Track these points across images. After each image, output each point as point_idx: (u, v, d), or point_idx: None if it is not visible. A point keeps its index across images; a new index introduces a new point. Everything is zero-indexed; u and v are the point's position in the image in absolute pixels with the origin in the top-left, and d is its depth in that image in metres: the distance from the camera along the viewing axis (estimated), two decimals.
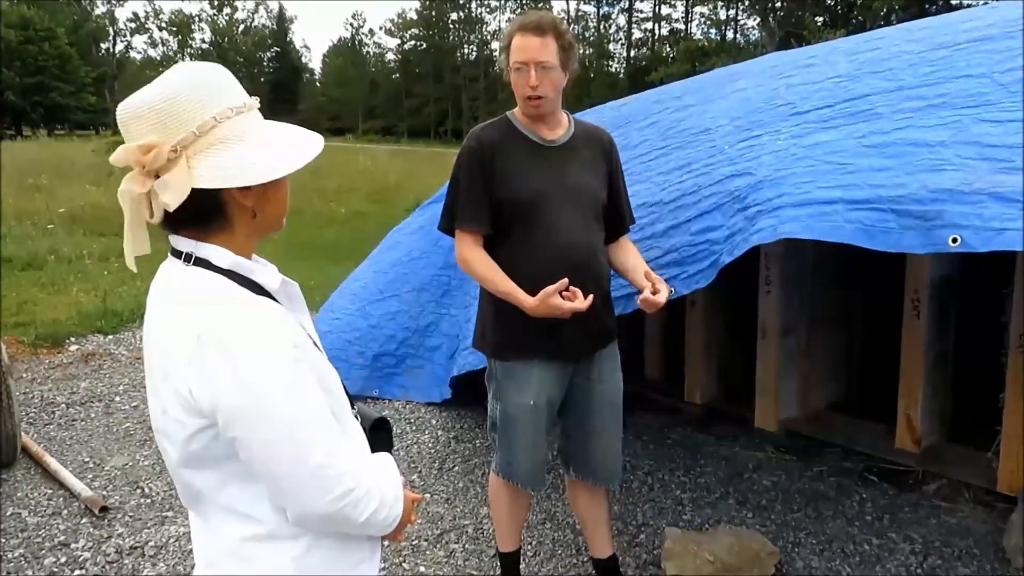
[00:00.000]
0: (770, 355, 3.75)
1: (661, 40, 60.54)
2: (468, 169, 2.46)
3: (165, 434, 1.22)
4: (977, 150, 2.35)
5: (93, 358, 5.73)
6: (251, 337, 1.12)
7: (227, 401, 1.11)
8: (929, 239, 2.17)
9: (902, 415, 3.46)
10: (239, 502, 1.21)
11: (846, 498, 3.52)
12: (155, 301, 1.23)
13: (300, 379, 1.15)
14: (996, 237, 2.04)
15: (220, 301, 1.16)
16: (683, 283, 2.86)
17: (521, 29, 2.38)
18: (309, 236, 11.08)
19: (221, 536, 1.24)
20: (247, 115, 1.20)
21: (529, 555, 3.12)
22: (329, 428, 1.18)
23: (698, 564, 2.88)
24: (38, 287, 7.85)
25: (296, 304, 1.30)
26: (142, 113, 1.14)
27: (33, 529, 3.34)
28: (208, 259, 1.19)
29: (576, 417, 2.63)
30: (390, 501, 1.26)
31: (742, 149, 3.11)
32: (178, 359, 1.13)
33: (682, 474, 3.80)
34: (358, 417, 1.38)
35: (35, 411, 4.68)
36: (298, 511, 1.18)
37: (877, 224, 2.29)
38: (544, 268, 2.40)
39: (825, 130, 2.92)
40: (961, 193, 2.18)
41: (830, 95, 3.16)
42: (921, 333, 3.35)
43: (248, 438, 1.13)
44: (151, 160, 1.12)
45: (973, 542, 3.14)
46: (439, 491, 3.66)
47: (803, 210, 2.48)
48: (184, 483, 1.25)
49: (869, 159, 2.58)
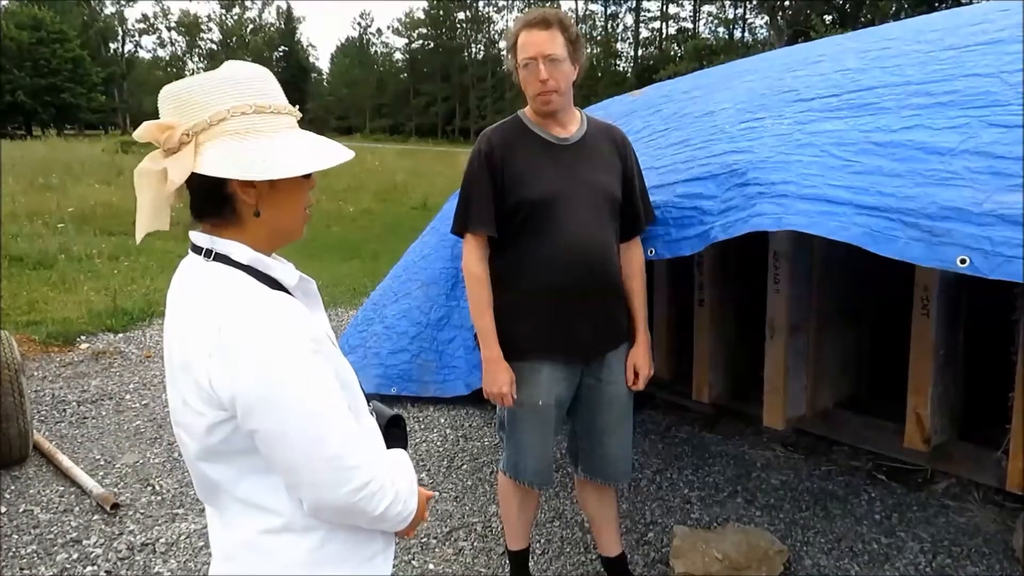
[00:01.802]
0: (778, 354, 3.74)
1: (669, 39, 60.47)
2: (478, 173, 2.45)
3: (184, 426, 1.24)
4: (987, 163, 2.35)
5: (103, 356, 5.77)
6: (270, 330, 1.14)
7: (246, 392, 1.13)
8: (936, 254, 2.17)
9: (911, 414, 3.45)
10: (256, 495, 1.23)
11: (855, 497, 3.51)
12: (176, 295, 1.26)
13: (318, 372, 1.17)
14: (1005, 265, 2.05)
15: (240, 295, 1.18)
16: (666, 246, 2.81)
17: (527, 26, 2.36)
18: (317, 234, 11.11)
19: (238, 529, 1.26)
20: (272, 117, 1.22)
21: (538, 553, 3.13)
22: (346, 421, 1.20)
23: (706, 562, 2.88)
24: (49, 286, 7.89)
25: (312, 301, 1.33)
26: (172, 95, 1.20)
27: (45, 526, 3.36)
28: (228, 255, 1.22)
29: (586, 417, 2.63)
30: (404, 496, 1.28)
31: (743, 130, 3.10)
32: (199, 351, 1.16)
33: (690, 473, 3.81)
34: (373, 414, 1.39)
35: (47, 409, 4.71)
36: (314, 502, 1.20)
37: (884, 231, 2.28)
38: (557, 268, 2.40)
39: (830, 119, 2.92)
40: (971, 213, 2.18)
41: (836, 86, 3.16)
42: (930, 331, 3.34)
43: (266, 429, 1.15)
44: (165, 140, 1.18)
45: (982, 541, 3.14)
46: (448, 489, 3.67)
47: (810, 205, 2.46)
48: (201, 476, 1.27)
49: (878, 160, 2.57)
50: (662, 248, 2.82)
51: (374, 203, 15.71)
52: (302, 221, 1.32)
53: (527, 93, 2.43)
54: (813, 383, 3.89)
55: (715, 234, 2.68)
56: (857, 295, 4.04)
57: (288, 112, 1.25)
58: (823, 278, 3.82)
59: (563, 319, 2.43)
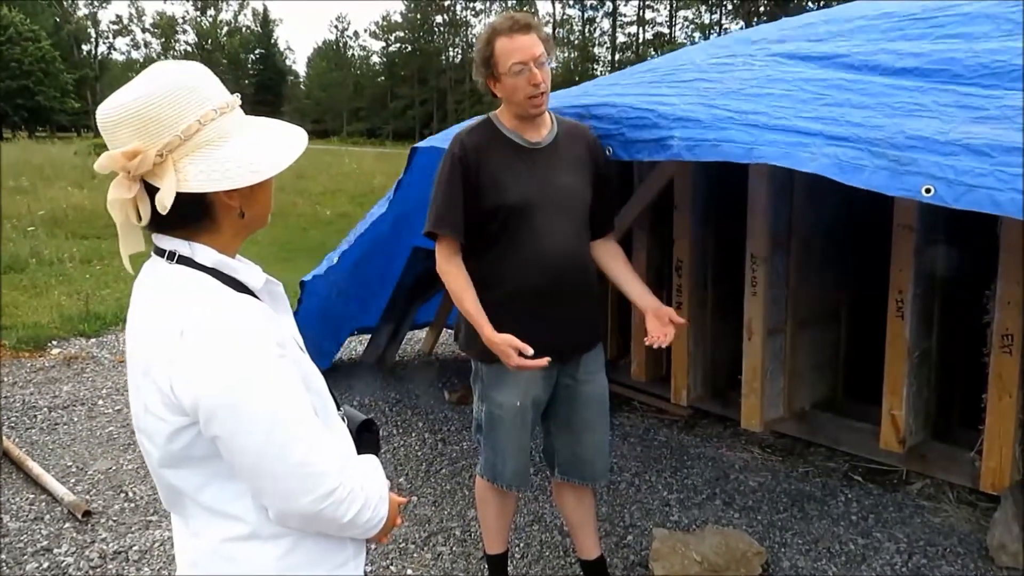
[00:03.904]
0: (756, 356, 3.77)
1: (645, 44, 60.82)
2: (450, 176, 2.44)
3: (146, 432, 1.21)
4: (955, 98, 2.38)
5: (75, 361, 5.68)
6: (233, 334, 1.12)
7: (208, 398, 1.10)
8: (901, 183, 2.14)
9: (886, 415, 3.48)
10: (220, 502, 1.20)
11: (831, 498, 3.54)
12: (138, 298, 1.23)
13: (282, 376, 1.14)
14: (968, 194, 2.03)
15: (203, 298, 1.15)
16: (622, 147, 2.75)
17: (508, 31, 2.33)
18: (294, 237, 11.03)
19: (203, 537, 1.23)
20: (230, 114, 1.19)
21: (517, 557, 3.12)
22: (312, 426, 1.17)
23: (685, 564, 2.88)
24: (19, 290, 7.77)
25: (279, 304, 1.30)
26: (124, 118, 1.13)
27: (15, 534, 3.30)
28: (192, 257, 1.19)
29: (562, 417, 2.63)
30: (374, 502, 1.25)
31: (715, 65, 3.16)
32: (160, 355, 1.13)
33: (669, 475, 3.81)
34: (344, 419, 1.37)
35: (16, 415, 4.63)
36: (280, 509, 1.18)
37: (852, 161, 2.26)
38: (531, 275, 2.41)
39: (802, 65, 2.98)
40: (936, 142, 2.18)
41: (808, 46, 3.23)
42: (905, 333, 3.37)
43: (229, 435, 1.12)
44: (136, 166, 1.12)
45: (957, 541, 3.17)
46: (426, 494, 3.65)
47: (781, 135, 2.43)
48: (165, 483, 1.24)
49: (847, 94, 2.59)
50: (619, 148, 2.76)
51: (351, 206, 15.63)
52: (272, 204, 1.30)
53: (515, 98, 2.38)
54: (790, 385, 3.92)
55: (677, 150, 2.60)
56: (833, 297, 4.08)
57: (236, 103, 1.22)
58: (799, 280, 3.85)
59: (540, 321, 2.43)
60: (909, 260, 3.32)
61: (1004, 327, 3.10)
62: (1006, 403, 3.13)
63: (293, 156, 1.21)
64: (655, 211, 4.21)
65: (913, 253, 3.31)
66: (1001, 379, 3.13)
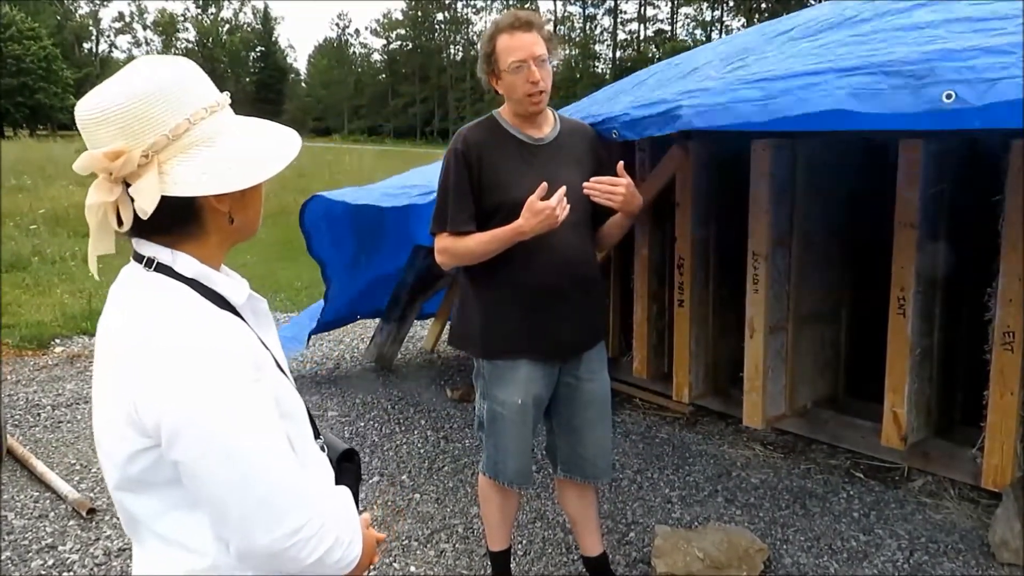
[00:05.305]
0: (757, 353, 3.77)
1: (647, 41, 60.78)
2: (456, 172, 2.45)
3: (105, 450, 1.12)
4: (968, 25, 2.37)
5: (78, 360, 5.69)
6: (205, 355, 1.03)
7: (172, 419, 1.02)
8: (921, 97, 2.08)
9: (888, 412, 3.48)
10: (179, 532, 1.11)
11: (833, 495, 3.54)
12: (111, 306, 1.15)
13: (253, 403, 1.05)
14: (991, 89, 1.96)
15: (178, 313, 1.07)
16: (627, 127, 2.71)
17: (509, 29, 2.36)
18: (296, 236, 11.01)
19: (159, 568, 1.14)
20: (219, 114, 1.12)
21: (519, 554, 3.13)
22: (282, 457, 1.07)
23: (687, 561, 2.89)
24: (22, 289, 7.79)
25: (262, 321, 1.22)
26: (107, 116, 1.04)
27: (20, 532, 3.31)
28: (171, 266, 1.11)
29: (565, 415, 2.64)
30: (347, 539, 1.15)
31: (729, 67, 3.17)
32: (127, 369, 1.05)
33: (671, 472, 3.82)
34: (324, 448, 1.29)
35: (20, 413, 4.64)
36: (242, 545, 1.07)
37: (868, 87, 2.20)
38: (537, 270, 2.41)
39: (812, 40, 2.98)
40: (953, 51, 2.13)
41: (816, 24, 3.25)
42: (906, 330, 3.38)
43: (191, 461, 1.03)
44: (119, 167, 1.03)
45: (958, 537, 3.17)
46: (429, 491, 3.66)
47: (791, 82, 2.40)
48: (122, 508, 1.15)
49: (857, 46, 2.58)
50: (625, 129, 2.73)
51: None
52: (262, 210, 1.23)
53: (514, 96, 2.41)
54: (792, 382, 3.92)
55: (687, 119, 2.54)
56: (835, 295, 4.08)
57: (226, 102, 1.15)
58: (801, 278, 3.85)
59: (542, 319, 2.44)
60: (911, 257, 3.32)
61: (1005, 324, 3.11)
62: (1008, 400, 3.13)
63: (289, 157, 1.13)
64: (657, 209, 4.22)
65: (915, 250, 3.31)
66: (1003, 376, 3.13)
